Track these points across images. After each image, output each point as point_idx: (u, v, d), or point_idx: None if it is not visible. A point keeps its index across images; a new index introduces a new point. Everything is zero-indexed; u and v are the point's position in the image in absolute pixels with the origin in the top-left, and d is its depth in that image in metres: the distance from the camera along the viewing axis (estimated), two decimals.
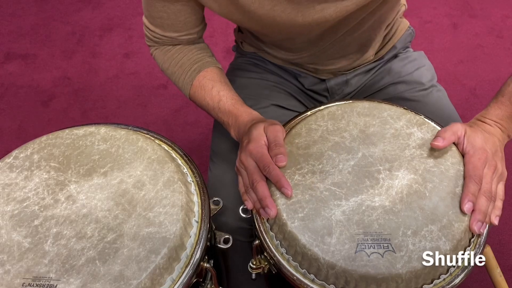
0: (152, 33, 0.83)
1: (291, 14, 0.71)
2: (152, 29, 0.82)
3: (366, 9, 0.75)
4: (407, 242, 0.57)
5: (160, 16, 0.79)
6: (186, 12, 0.78)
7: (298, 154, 0.68)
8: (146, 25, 0.83)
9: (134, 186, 0.63)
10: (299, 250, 0.58)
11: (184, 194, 0.63)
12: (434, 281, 0.58)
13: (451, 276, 0.59)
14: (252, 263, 0.69)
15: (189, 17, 0.80)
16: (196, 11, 0.80)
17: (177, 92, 1.84)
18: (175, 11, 0.77)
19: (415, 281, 0.56)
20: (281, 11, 0.71)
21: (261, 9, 0.71)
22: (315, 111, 0.76)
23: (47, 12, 2.25)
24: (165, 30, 0.81)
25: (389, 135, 0.69)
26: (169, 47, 0.85)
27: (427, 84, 0.93)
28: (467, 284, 1.25)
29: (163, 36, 0.82)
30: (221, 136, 0.91)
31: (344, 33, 0.81)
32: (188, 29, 0.82)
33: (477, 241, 0.62)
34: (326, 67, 0.91)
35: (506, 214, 1.40)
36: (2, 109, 1.81)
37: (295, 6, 0.70)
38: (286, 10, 0.71)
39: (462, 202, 0.60)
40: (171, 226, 0.58)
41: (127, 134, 0.70)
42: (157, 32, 0.82)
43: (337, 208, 0.60)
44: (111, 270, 0.54)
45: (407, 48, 0.99)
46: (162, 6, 0.76)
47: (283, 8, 0.71)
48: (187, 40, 0.84)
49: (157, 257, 0.55)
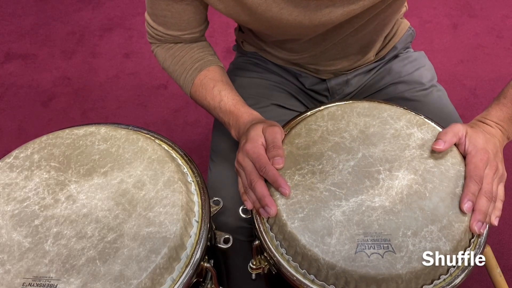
0: (155, 30, 0.83)
1: (298, 17, 0.71)
2: (155, 27, 0.82)
3: (371, 11, 0.75)
4: (407, 242, 0.57)
5: (163, 15, 0.78)
6: (190, 11, 0.78)
7: (298, 154, 0.68)
8: (149, 22, 0.83)
9: (134, 186, 0.63)
10: (299, 251, 0.58)
11: (184, 194, 0.63)
12: (434, 281, 0.58)
13: (451, 276, 0.59)
14: (252, 263, 0.69)
15: (193, 16, 0.79)
16: (200, 11, 0.80)
17: (177, 92, 1.84)
18: (179, 10, 0.77)
19: (415, 281, 0.56)
20: (288, 14, 0.71)
21: (269, 12, 0.71)
22: (315, 111, 0.76)
23: (47, 12, 2.25)
24: (168, 28, 0.81)
25: (389, 135, 0.69)
26: (171, 45, 0.85)
27: (427, 84, 0.93)
28: (467, 284, 1.25)
29: (165, 34, 0.82)
30: (221, 136, 0.91)
31: (347, 34, 0.81)
32: (191, 28, 0.82)
33: (477, 241, 0.62)
34: (327, 68, 0.91)
35: (506, 214, 1.40)
36: (2, 109, 1.81)
37: (302, 10, 0.70)
38: (293, 13, 0.71)
39: (461, 201, 0.60)
40: (171, 226, 0.58)
41: (127, 134, 0.70)
42: (160, 30, 0.82)
43: (337, 209, 0.60)
44: (111, 270, 0.54)
45: (408, 48, 0.99)
46: (166, 5, 0.76)
47: (290, 11, 0.71)
48: (189, 39, 0.84)
49: (157, 257, 0.55)
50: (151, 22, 0.82)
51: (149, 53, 1.97)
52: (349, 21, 0.75)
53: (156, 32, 0.83)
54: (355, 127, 0.71)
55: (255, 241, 0.65)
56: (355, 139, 0.69)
